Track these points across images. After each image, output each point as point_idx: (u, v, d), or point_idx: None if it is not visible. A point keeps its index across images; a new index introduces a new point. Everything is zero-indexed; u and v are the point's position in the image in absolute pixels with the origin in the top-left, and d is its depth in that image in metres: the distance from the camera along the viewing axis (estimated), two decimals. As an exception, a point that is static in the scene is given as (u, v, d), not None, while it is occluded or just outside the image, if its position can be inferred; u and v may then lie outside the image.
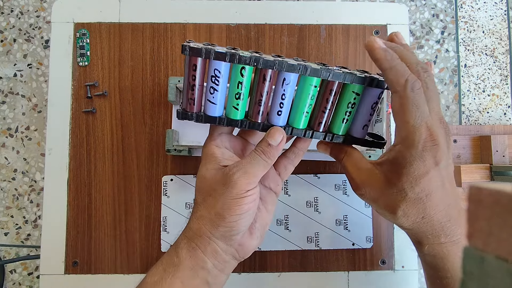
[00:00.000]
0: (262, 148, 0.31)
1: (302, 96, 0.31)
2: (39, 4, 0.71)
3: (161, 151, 0.46)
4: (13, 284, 0.65)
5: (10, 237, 0.66)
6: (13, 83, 0.68)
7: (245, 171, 0.30)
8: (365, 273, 0.45)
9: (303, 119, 0.32)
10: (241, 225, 0.30)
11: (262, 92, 0.30)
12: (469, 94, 0.71)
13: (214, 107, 0.31)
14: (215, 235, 0.30)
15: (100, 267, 0.44)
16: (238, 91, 0.30)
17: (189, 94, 0.30)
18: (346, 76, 0.30)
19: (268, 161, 0.31)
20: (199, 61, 0.29)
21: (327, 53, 0.47)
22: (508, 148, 0.58)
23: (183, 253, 0.31)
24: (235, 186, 0.30)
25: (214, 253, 0.31)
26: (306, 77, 0.30)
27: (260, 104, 0.31)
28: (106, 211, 0.45)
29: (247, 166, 0.30)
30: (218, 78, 0.30)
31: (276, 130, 0.31)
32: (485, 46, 0.72)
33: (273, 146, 0.31)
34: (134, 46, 0.47)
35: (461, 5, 0.73)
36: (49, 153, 0.45)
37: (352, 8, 0.48)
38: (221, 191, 0.30)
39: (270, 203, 0.35)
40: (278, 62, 0.29)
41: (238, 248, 0.32)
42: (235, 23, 0.48)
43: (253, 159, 0.31)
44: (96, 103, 0.46)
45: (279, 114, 0.31)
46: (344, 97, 0.31)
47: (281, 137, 0.31)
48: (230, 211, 0.30)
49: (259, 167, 0.31)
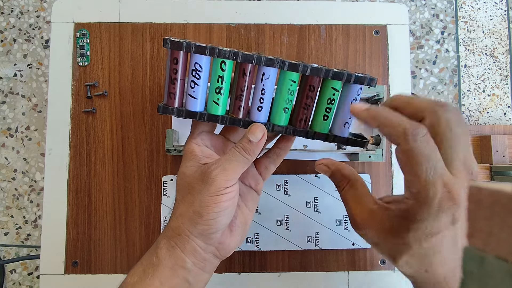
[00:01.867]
0: (242, 144, 0.30)
1: (282, 92, 0.31)
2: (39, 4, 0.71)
3: (161, 151, 0.46)
4: (13, 284, 0.65)
5: (10, 237, 0.66)
6: (13, 83, 0.68)
7: (224, 168, 0.30)
8: (365, 273, 0.45)
9: (284, 116, 0.32)
10: (219, 223, 0.30)
11: (242, 87, 0.31)
12: (469, 94, 0.71)
13: (195, 101, 0.31)
14: (193, 233, 0.30)
15: (100, 267, 0.44)
16: (218, 86, 0.30)
17: (170, 88, 0.31)
18: (324, 71, 0.30)
19: (248, 158, 0.30)
20: (181, 55, 0.30)
21: (327, 53, 0.48)
22: (508, 148, 0.58)
23: (162, 252, 0.30)
24: (213, 183, 0.29)
25: (193, 252, 0.30)
26: (285, 72, 0.30)
27: (240, 99, 0.31)
28: (106, 211, 0.45)
29: (226, 163, 0.30)
30: (199, 72, 0.30)
31: (257, 126, 0.31)
32: (485, 46, 0.72)
33: (254, 143, 0.30)
34: (134, 46, 0.47)
35: (461, 5, 0.73)
36: (49, 153, 0.45)
37: (352, 8, 0.48)
38: (199, 188, 0.30)
39: (251, 201, 0.35)
40: (256, 56, 0.30)
41: (219, 247, 0.31)
42: (235, 23, 0.48)
43: (233, 156, 0.30)
44: (96, 103, 0.46)
45: (260, 110, 0.31)
46: (323, 93, 0.31)
47: (262, 134, 0.30)
48: (208, 209, 0.29)
49: (238, 164, 0.30)
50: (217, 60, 0.30)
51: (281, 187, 0.45)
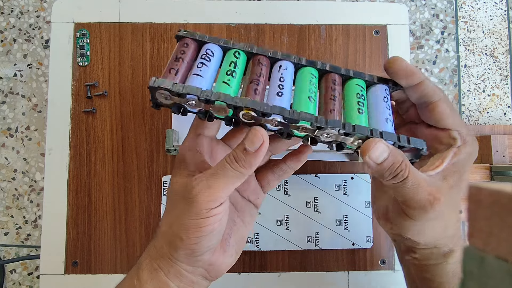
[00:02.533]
0: (235, 154, 0.25)
1: (303, 83, 0.27)
2: (39, 4, 0.71)
3: (161, 151, 0.46)
4: (13, 284, 0.65)
5: (10, 237, 0.66)
6: (13, 83, 0.68)
7: (208, 184, 0.24)
8: (365, 273, 0.45)
9: (310, 105, 0.26)
10: (204, 246, 0.25)
11: (257, 73, 0.27)
12: (469, 94, 0.71)
13: (200, 79, 0.25)
14: (176, 257, 0.26)
15: (100, 267, 0.44)
16: (231, 69, 0.26)
17: (172, 65, 0.26)
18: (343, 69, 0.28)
19: (242, 172, 0.25)
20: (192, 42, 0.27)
21: (327, 53, 0.48)
22: (508, 148, 0.58)
23: (144, 275, 0.26)
24: (194, 203, 0.24)
25: (178, 275, 0.27)
26: (304, 68, 0.28)
27: (256, 83, 0.26)
28: (106, 211, 0.45)
29: (211, 179, 0.24)
30: (210, 56, 0.27)
31: (256, 130, 0.24)
32: (485, 46, 0.72)
33: (250, 153, 0.24)
34: (134, 46, 0.47)
35: (461, 5, 0.73)
36: (49, 153, 0.45)
37: (352, 8, 0.48)
38: (181, 207, 0.25)
39: (249, 215, 0.30)
40: (272, 51, 0.28)
41: (209, 268, 0.27)
42: (235, 23, 0.48)
43: (220, 169, 0.25)
44: (96, 103, 0.46)
45: (280, 95, 0.26)
46: (349, 90, 0.28)
47: (261, 142, 0.24)
48: (188, 233, 0.25)
49: (227, 180, 0.24)
50: (231, 50, 0.27)
51: (281, 187, 0.45)
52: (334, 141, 0.26)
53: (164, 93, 0.25)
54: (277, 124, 0.25)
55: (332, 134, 0.25)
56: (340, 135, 0.25)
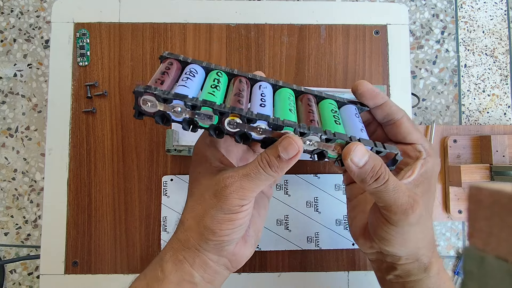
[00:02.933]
0: (268, 159, 0.25)
1: (282, 98, 0.29)
2: (39, 4, 0.71)
3: (161, 151, 0.46)
4: (13, 284, 0.65)
5: (10, 237, 0.66)
6: (13, 83, 0.68)
7: (241, 185, 0.25)
8: (365, 273, 0.45)
9: (291, 115, 0.27)
10: (234, 238, 0.27)
11: (240, 89, 0.28)
12: (469, 94, 0.71)
13: (185, 89, 0.26)
14: (204, 247, 0.27)
15: (100, 267, 0.44)
16: (214, 84, 0.28)
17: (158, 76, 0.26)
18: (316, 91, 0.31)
19: (274, 176, 0.26)
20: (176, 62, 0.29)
21: (327, 53, 0.48)
22: (508, 148, 0.58)
23: (169, 266, 0.28)
24: (226, 201, 0.26)
25: (203, 265, 0.28)
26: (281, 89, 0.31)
27: (240, 96, 0.27)
28: (106, 211, 0.45)
29: (244, 180, 0.25)
30: (195, 73, 0.28)
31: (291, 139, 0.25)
32: (485, 46, 0.72)
33: (284, 160, 0.25)
34: (134, 46, 0.47)
35: (461, 5, 0.73)
36: (49, 153, 0.45)
37: (352, 8, 0.48)
38: (211, 202, 0.26)
39: (263, 207, 0.32)
40: (251, 74, 0.30)
41: (232, 258, 0.29)
42: (235, 23, 0.48)
43: (254, 172, 0.25)
44: (96, 103, 0.46)
45: (263, 106, 0.27)
46: (324, 107, 0.31)
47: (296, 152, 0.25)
48: (221, 226, 0.26)
49: (259, 182, 0.26)
50: (214, 71, 0.29)
51: (281, 187, 0.45)
52: (316, 150, 0.27)
53: (149, 99, 0.25)
54: (262, 133, 0.26)
55: (314, 141, 0.26)
56: (322, 141, 0.26)
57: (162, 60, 0.29)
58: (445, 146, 0.61)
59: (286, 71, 0.47)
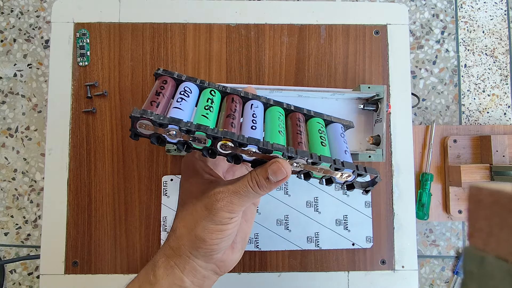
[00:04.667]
0: (258, 179, 0.27)
1: (272, 119, 0.31)
2: (39, 4, 0.71)
3: (161, 151, 0.46)
4: (13, 284, 0.65)
5: (10, 237, 0.66)
6: (13, 83, 0.68)
7: (231, 201, 0.28)
8: (365, 273, 0.45)
9: (280, 137, 0.29)
10: (223, 246, 0.29)
11: (232, 109, 0.30)
12: (469, 94, 0.71)
13: (180, 112, 0.27)
14: (195, 255, 0.29)
15: (100, 267, 0.44)
16: (208, 104, 0.29)
17: (153, 98, 0.27)
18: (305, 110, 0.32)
19: (261, 194, 0.28)
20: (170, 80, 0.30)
21: (327, 53, 0.48)
22: (508, 148, 0.58)
23: (160, 271, 0.29)
24: (217, 214, 0.28)
25: (193, 271, 0.30)
26: (272, 107, 0.32)
27: (232, 118, 0.29)
28: (106, 211, 0.45)
29: (233, 196, 0.28)
30: (189, 93, 0.29)
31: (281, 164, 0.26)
32: (485, 46, 0.72)
33: (272, 182, 0.27)
34: (134, 46, 0.47)
35: (461, 5, 0.73)
36: (49, 153, 0.45)
37: (352, 8, 0.48)
38: (203, 214, 0.28)
39: (250, 214, 0.34)
40: (243, 91, 0.31)
41: (220, 264, 0.31)
42: (235, 23, 0.47)
43: (243, 190, 0.27)
44: (96, 103, 0.46)
45: (254, 128, 0.29)
46: (312, 126, 0.32)
47: (284, 176, 0.26)
48: (212, 236, 0.28)
49: (247, 199, 0.28)
50: (207, 89, 0.30)
51: (281, 187, 0.45)
52: (302, 171, 0.28)
53: (145, 123, 0.25)
54: (252, 155, 0.27)
55: (301, 163, 0.28)
56: (308, 164, 0.28)
57: (157, 77, 0.30)
58: (445, 146, 0.61)
59: (286, 71, 0.47)
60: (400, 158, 0.47)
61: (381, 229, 0.45)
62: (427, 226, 0.69)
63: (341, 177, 0.29)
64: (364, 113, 0.45)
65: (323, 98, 0.45)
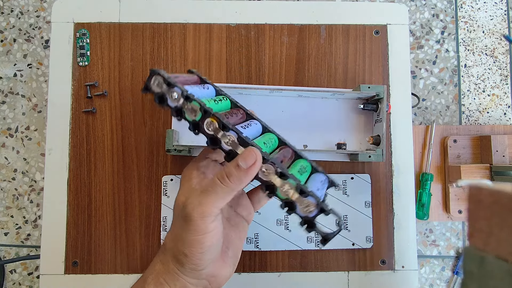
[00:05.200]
0: (227, 170, 0.26)
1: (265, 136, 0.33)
2: (39, 4, 0.71)
3: (161, 151, 0.46)
4: (13, 284, 0.65)
5: (10, 237, 0.66)
6: (13, 83, 0.68)
7: (199, 201, 0.26)
8: (365, 273, 0.45)
9: (264, 146, 0.31)
10: (206, 260, 0.28)
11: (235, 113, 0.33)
12: (469, 94, 0.71)
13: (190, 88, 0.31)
14: (182, 271, 0.28)
15: (100, 267, 0.44)
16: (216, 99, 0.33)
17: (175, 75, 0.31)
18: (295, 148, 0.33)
19: (231, 187, 0.26)
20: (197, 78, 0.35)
21: (327, 53, 0.48)
22: (508, 148, 0.58)
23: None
24: (190, 221, 0.26)
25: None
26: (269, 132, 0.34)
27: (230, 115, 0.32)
28: (106, 211, 0.45)
29: (201, 196, 0.26)
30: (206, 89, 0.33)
31: (250, 150, 0.26)
32: (485, 46, 0.72)
33: (242, 169, 0.26)
34: (134, 46, 0.47)
35: (461, 5, 0.73)
36: (49, 153, 0.45)
37: (352, 8, 0.48)
38: (180, 225, 0.27)
39: (242, 231, 0.33)
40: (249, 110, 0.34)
41: (211, 280, 0.30)
42: (235, 23, 0.48)
43: (211, 186, 0.26)
44: (96, 103, 0.46)
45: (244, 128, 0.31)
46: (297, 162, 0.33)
47: (254, 160, 0.26)
48: (192, 249, 0.27)
49: (216, 196, 0.26)
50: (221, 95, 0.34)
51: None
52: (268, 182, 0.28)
53: (158, 79, 0.28)
54: (229, 144, 0.28)
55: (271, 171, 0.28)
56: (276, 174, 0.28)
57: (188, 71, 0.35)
58: (445, 146, 0.61)
59: (286, 71, 0.47)
60: (400, 158, 0.47)
61: (381, 229, 0.45)
62: (427, 226, 0.69)
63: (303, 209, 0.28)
64: (364, 113, 0.45)
65: (323, 98, 0.45)
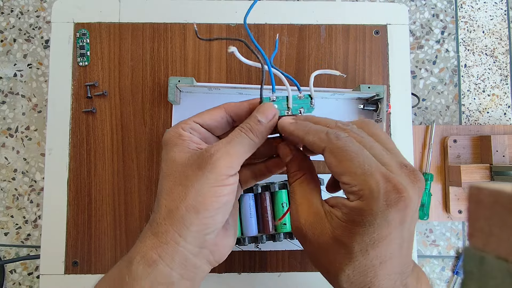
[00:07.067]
0: (249, 125, 0.26)
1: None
2: (39, 4, 0.71)
3: (161, 151, 0.46)
4: (13, 284, 0.65)
5: (10, 237, 0.66)
6: (13, 83, 0.68)
7: (227, 151, 0.25)
8: (365, 273, 0.45)
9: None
10: (217, 221, 0.26)
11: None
12: (469, 94, 0.71)
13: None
14: (185, 237, 0.25)
15: (100, 267, 0.44)
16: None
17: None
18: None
19: (255, 141, 0.26)
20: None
21: (327, 53, 0.48)
22: (508, 148, 0.58)
23: (139, 270, 0.24)
24: (214, 169, 0.24)
25: (183, 262, 0.25)
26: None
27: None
28: (106, 211, 0.45)
29: (229, 146, 0.25)
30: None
31: (268, 105, 0.27)
32: (485, 46, 0.72)
33: (263, 124, 0.26)
34: (134, 46, 0.47)
35: (461, 5, 0.73)
36: (49, 153, 0.45)
37: (352, 8, 0.48)
38: (195, 177, 0.25)
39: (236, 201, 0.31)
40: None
41: (213, 249, 0.27)
42: (235, 23, 0.48)
43: (237, 137, 0.26)
44: (96, 103, 0.46)
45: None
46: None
47: (273, 114, 0.27)
48: (206, 204, 0.24)
49: (243, 147, 0.26)
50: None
51: (281, 187, 0.45)
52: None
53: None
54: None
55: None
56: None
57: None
58: (445, 146, 0.61)
59: (286, 71, 0.47)
60: (400, 158, 0.47)
61: (381, 229, 0.45)
62: (427, 226, 0.69)
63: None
64: (364, 113, 0.45)
65: (323, 98, 0.45)
